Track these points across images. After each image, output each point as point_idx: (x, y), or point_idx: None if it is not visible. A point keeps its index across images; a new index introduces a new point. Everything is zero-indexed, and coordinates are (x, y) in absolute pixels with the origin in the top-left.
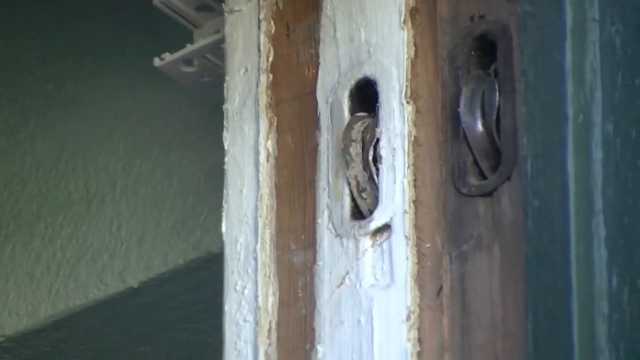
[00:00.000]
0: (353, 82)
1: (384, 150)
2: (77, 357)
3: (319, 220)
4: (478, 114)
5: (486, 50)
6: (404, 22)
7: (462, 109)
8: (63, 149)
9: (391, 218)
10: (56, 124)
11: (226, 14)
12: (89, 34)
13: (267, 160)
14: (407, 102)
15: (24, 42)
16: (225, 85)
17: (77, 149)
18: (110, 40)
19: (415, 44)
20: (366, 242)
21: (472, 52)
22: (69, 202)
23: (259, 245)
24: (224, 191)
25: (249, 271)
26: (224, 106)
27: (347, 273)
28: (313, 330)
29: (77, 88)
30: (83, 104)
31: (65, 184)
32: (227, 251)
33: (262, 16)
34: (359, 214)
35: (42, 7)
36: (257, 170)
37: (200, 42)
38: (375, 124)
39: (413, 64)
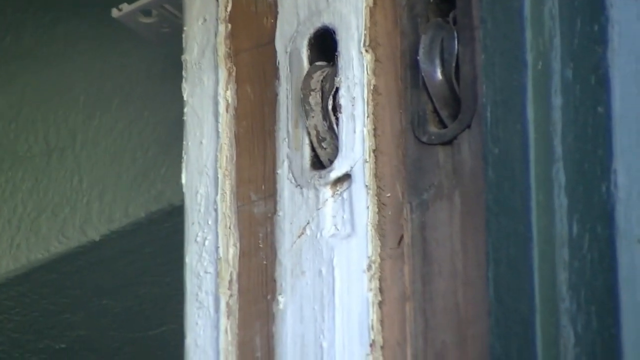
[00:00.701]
0: (312, 31)
1: (343, 100)
2: (39, 311)
3: (279, 171)
4: (437, 62)
5: None
6: None
7: (421, 57)
8: (22, 101)
9: (351, 167)
10: (15, 76)
11: None
12: None
13: (227, 111)
14: (366, 51)
15: None
16: (183, 35)
17: (36, 101)
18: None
19: None
20: (326, 191)
21: (431, 0)
22: (29, 155)
23: (219, 196)
24: (184, 142)
25: (210, 222)
26: (183, 57)
27: (307, 223)
28: (274, 280)
29: (35, 40)
30: (42, 56)
31: (25, 137)
32: (188, 202)
33: None
34: (319, 164)
35: None
36: (217, 121)
37: None
38: (335, 73)
39: (372, 12)
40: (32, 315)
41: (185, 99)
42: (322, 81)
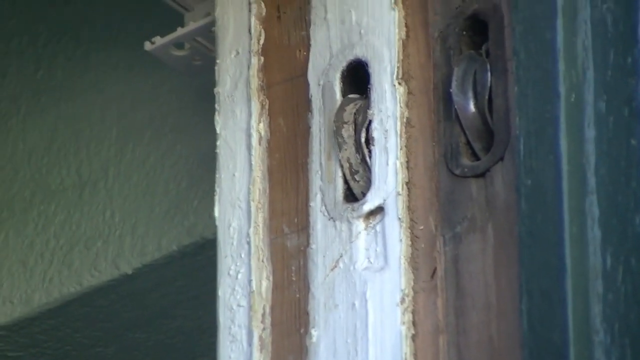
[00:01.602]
0: (344, 64)
1: (376, 132)
2: (72, 344)
3: (311, 204)
4: (470, 94)
5: (477, 30)
6: (395, 2)
7: (454, 89)
8: (55, 134)
9: (384, 200)
10: (48, 109)
11: (217, 2)
12: (80, 17)
13: (259, 144)
14: (399, 83)
15: (15, 26)
16: (216, 68)
17: (69, 134)
18: (101, 23)
19: (406, 25)
20: (359, 224)
21: (464, 32)
22: (61, 188)
23: (252, 229)
24: (217, 175)
25: (243, 255)
26: (216, 89)
27: (340, 256)
28: (307, 314)
29: (68, 73)
30: (74, 88)
31: (58, 170)
32: (220, 236)
33: None
34: (352, 197)
35: None
36: (250, 154)
37: (191, 25)
38: (367, 105)
39: (404, 44)
40: (65, 349)
41: (218, 131)
42: (354, 114)
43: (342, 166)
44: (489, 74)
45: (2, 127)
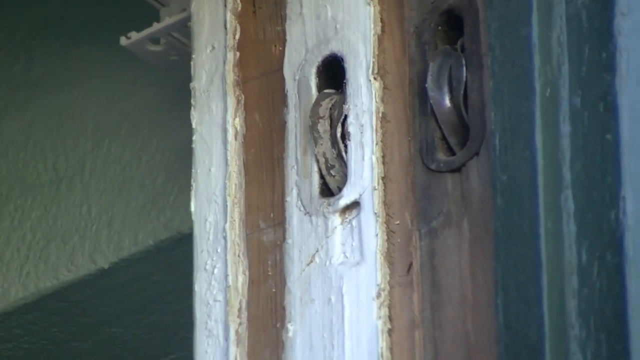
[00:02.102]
0: (320, 59)
1: (351, 127)
2: (48, 338)
3: (287, 198)
4: (445, 89)
5: (453, 25)
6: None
7: (429, 84)
8: (32, 129)
9: (360, 195)
10: (25, 104)
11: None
12: (56, 12)
13: (235, 139)
14: (375, 79)
15: None
16: (192, 63)
17: (45, 129)
18: (77, 19)
19: (381, 20)
20: (335, 219)
21: (439, 27)
22: (38, 183)
23: (228, 224)
24: (192, 170)
25: (219, 250)
26: (191, 84)
27: (316, 251)
28: (283, 308)
29: (45, 68)
30: (51, 84)
31: (34, 165)
32: (197, 230)
33: None
34: (327, 192)
35: None
36: (225, 149)
37: (167, 21)
38: (343, 100)
39: (380, 39)
40: (41, 343)
41: (194, 126)
42: (330, 109)
43: (317, 161)
44: (464, 69)
45: None
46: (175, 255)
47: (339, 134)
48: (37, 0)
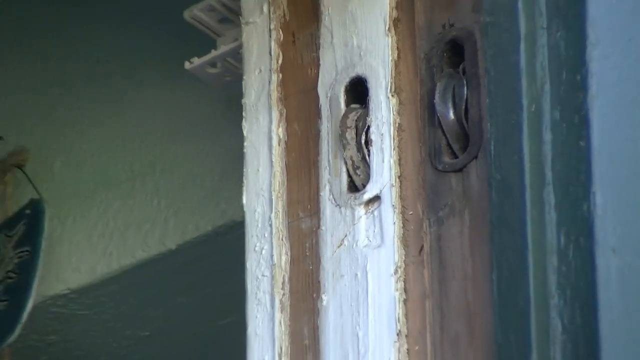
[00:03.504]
0: (347, 80)
1: (373, 135)
2: (127, 305)
3: (321, 193)
4: (450, 104)
5: (456, 52)
6: (389, 29)
7: (436, 100)
8: (113, 137)
9: (380, 190)
10: (108, 117)
11: (243, 25)
12: (132, 41)
13: (279, 144)
14: (392, 96)
15: (82, 50)
16: (243, 83)
17: (123, 137)
18: (148, 46)
19: (397, 48)
20: (360, 210)
21: (444, 54)
22: (118, 180)
23: (273, 214)
24: (244, 170)
25: (266, 235)
26: (243, 100)
27: (345, 236)
28: (318, 282)
29: (123, 87)
30: (128, 100)
31: (115, 166)
32: (248, 219)
33: (272, 26)
34: (354, 188)
35: (95, 24)
36: (271, 153)
37: (222, 49)
38: (366, 113)
39: (396, 64)
40: (122, 308)
41: (245, 134)
42: (356, 120)
43: (346, 163)
44: (465, 88)
45: (70, 131)
46: (230, 239)
47: (363, 141)
48: (120, 33)
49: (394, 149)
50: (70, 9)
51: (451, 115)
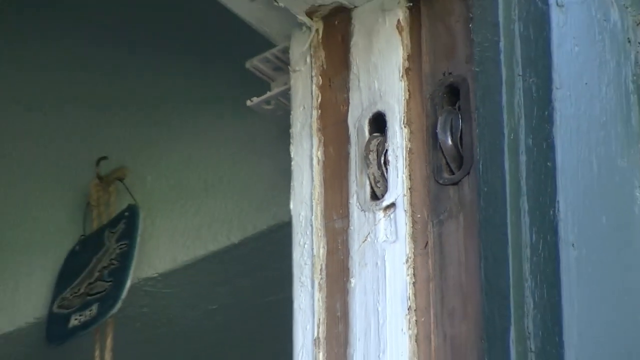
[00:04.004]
0: (370, 114)
1: (390, 157)
2: (200, 285)
3: (350, 201)
4: (448, 133)
5: (453, 93)
6: (402, 76)
7: (438, 130)
8: (191, 157)
9: (395, 199)
10: (187, 140)
11: (291, 72)
12: (210, 82)
13: (318, 164)
14: (404, 127)
15: (172, 89)
16: (291, 117)
17: (200, 156)
18: (221, 87)
19: (409, 90)
20: (380, 214)
21: (444, 95)
22: (194, 190)
23: (313, 217)
24: (291, 183)
25: (308, 233)
26: (290, 130)
27: (368, 234)
28: (348, 269)
29: (202, 117)
30: (205, 127)
31: (192, 179)
32: (294, 220)
33: (313, 73)
34: (375, 197)
35: (186, 68)
36: (311, 170)
37: (275, 90)
38: (385, 140)
39: (407, 102)
40: (196, 288)
41: (292, 156)
42: (377, 145)
43: (369, 178)
44: (460, 121)
45: (157, 154)
46: (280, 236)
47: (382, 161)
48: (200, 77)
49: (405, 167)
50: (162, 56)
51: (449, 141)
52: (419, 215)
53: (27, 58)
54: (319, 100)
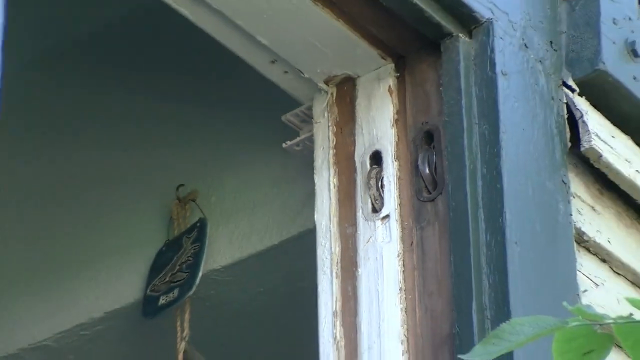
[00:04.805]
0: (370, 152)
1: (385, 182)
2: (250, 274)
3: (357, 213)
4: (426, 165)
5: (429, 137)
6: (392, 126)
7: (419, 163)
8: (241, 183)
9: (389, 212)
10: (237, 171)
11: (314, 123)
12: (254, 129)
13: (334, 187)
14: (395, 161)
15: (217, 127)
16: (314, 154)
17: (247, 182)
18: (261, 132)
19: (397, 135)
20: (379, 223)
21: (423, 138)
22: (245, 208)
23: (331, 225)
24: (315, 201)
25: (327, 236)
26: (314, 164)
27: (370, 237)
28: (356, 262)
29: (248, 153)
30: (251, 161)
31: (242, 198)
32: (317, 227)
33: (329, 124)
34: (375, 210)
35: (239, 115)
36: (329, 192)
37: (303, 136)
38: (381, 170)
39: (397, 144)
40: (246, 276)
41: (315, 182)
42: (375, 174)
43: (370, 197)
44: (434, 156)
45: (218, 179)
46: (308, 239)
47: (379, 185)
48: (250, 123)
49: (396, 189)
50: (224, 109)
51: (427, 170)
52: (406, 223)
53: (121, 109)
54: (334, 142)
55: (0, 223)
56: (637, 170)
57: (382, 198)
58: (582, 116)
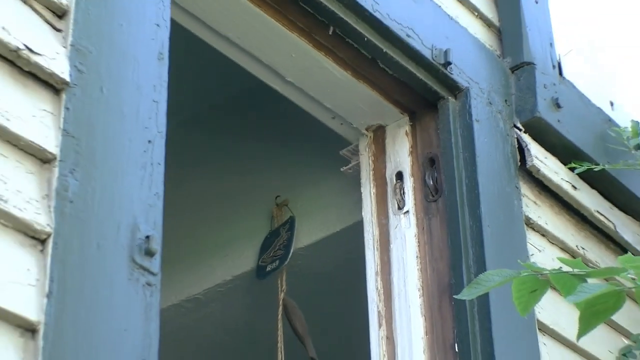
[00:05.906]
0: (395, 172)
1: (405, 190)
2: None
3: (389, 211)
4: (430, 179)
5: (432, 161)
6: (409, 155)
7: (426, 178)
8: (314, 194)
9: (409, 209)
10: (310, 187)
11: (360, 155)
12: (323, 159)
13: (373, 195)
14: (411, 177)
15: (297, 157)
16: (360, 175)
17: (317, 195)
18: (326, 160)
19: (412, 161)
20: (402, 216)
21: (428, 162)
22: (318, 208)
23: (373, 218)
24: (362, 204)
25: (370, 225)
26: (360, 180)
27: (397, 225)
28: (389, 241)
29: (315, 174)
30: (319, 180)
31: (316, 204)
32: (364, 220)
33: (369, 155)
34: (400, 208)
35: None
36: (370, 197)
37: (353, 163)
38: (402, 184)
39: (412, 166)
40: (321, 252)
41: (362, 191)
42: (399, 186)
43: (396, 200)
44: (435, 173)
45: (293, 192)
46: (358, 226)
47: (402, 192)
48: (313, 159)
49: (412, 195)
50: (299, 146)
51: (431, 183)
52: (419, 216)
53: (242, 149)
54: (372, 167)
55: (168, 224)
56: (562, 179)
57: (404, 201)
58: (527, 145)
